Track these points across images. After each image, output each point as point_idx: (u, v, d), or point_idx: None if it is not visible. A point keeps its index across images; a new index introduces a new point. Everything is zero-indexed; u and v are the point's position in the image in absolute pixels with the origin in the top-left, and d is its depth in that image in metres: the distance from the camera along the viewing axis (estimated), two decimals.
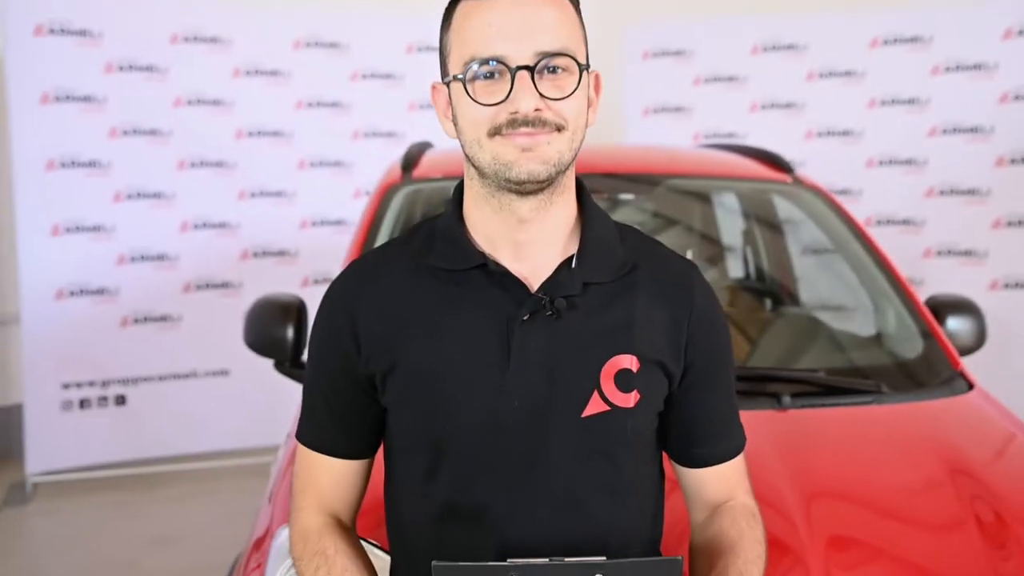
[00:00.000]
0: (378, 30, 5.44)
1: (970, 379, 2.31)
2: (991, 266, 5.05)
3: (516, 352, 1.23)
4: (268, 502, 2.03)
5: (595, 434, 1.24)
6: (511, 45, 1.19)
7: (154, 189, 4.99)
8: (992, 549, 1.63)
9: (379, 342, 1.28)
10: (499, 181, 1.22)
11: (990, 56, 5.00)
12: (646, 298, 1.27)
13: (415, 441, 1.29)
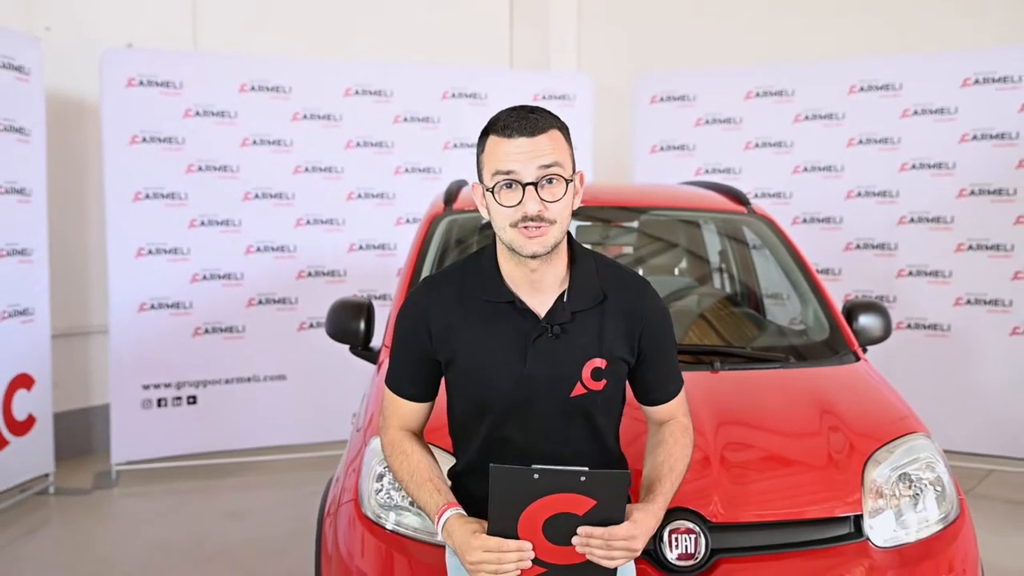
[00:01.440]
0: (417, 79, 6.16)
1: (859, 355, 3.05)
2: (955, 285, 5.68)
3: (530, 358, 1.88)
4: (358, 431, 2.74)
5: (577, 406, 1.91)
6: (521, 166, 1.79)
7: (223, 217, 5.70)
8: (833, 451, 2.38)
9: (444, 338, 1.92)
10: (516, 251, 1.85)
11: (951, 101, 5.66)
12: (612, 317, 1.92)
13: (467, 401, 1.96)
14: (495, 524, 1.79)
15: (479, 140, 1.87)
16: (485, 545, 1.76)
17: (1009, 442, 5.58)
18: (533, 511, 1.75)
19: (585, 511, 1.75)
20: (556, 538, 1.77)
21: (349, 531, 2.42)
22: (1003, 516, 5.01)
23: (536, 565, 1.79)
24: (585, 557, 1.78)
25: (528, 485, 1.75)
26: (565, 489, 1.74)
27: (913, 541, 2.33)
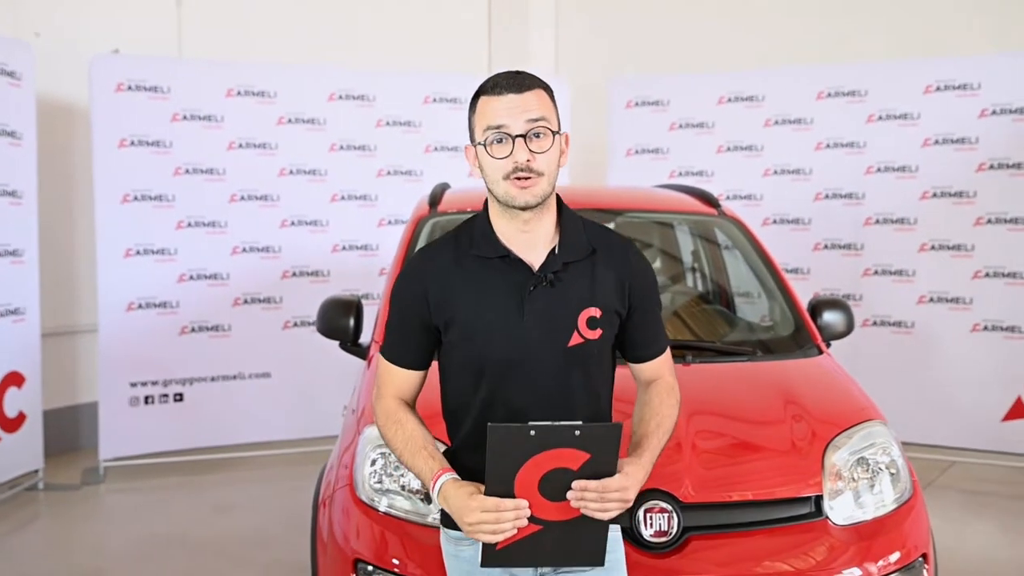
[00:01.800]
0: (399, 84, 6.32)
1: (822, 348, 3.25)
2: (918, 284, 5.91)
3: (527, 309, 1.94)
4: (352, 413, 2.90)
5: (575, 356, 1.96)
6: (510, 120, 1.89)
7: (210, 219, 5.82)
8: (795, 438, 2.58)
9: (442, 300, 1.97)
10: (509, 204, 1.93)
11: (915, 107, 5.89)
12: (602, 269, 1.98)
13: (466, 364, 1.98)
14: (492, 484, 1.83)
15: (470, 103, 1.98)
16: (483, 505, 1.82)
17: (970, 435, 5.81)
18: (529, 468, 1.81)
19: (579, 465, 1.82)
20: (551, 494, 1.83)
21: (344, 514, 2.58)
22: (963, 506, 5.23)
23: (532, 523, 1.84)
24: (579, 512, 1.84)
25: (524, 442, 1.80)
26: (560, 444, 1.80)
27: (870, 519, 2.52)
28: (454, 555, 2.04)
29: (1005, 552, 4.69)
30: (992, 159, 5.68)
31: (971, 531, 4.86)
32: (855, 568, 2.39)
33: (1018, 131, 5.60)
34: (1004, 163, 5.66)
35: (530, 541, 1.85)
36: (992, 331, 5.73)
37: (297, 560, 4.34)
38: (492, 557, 1.87)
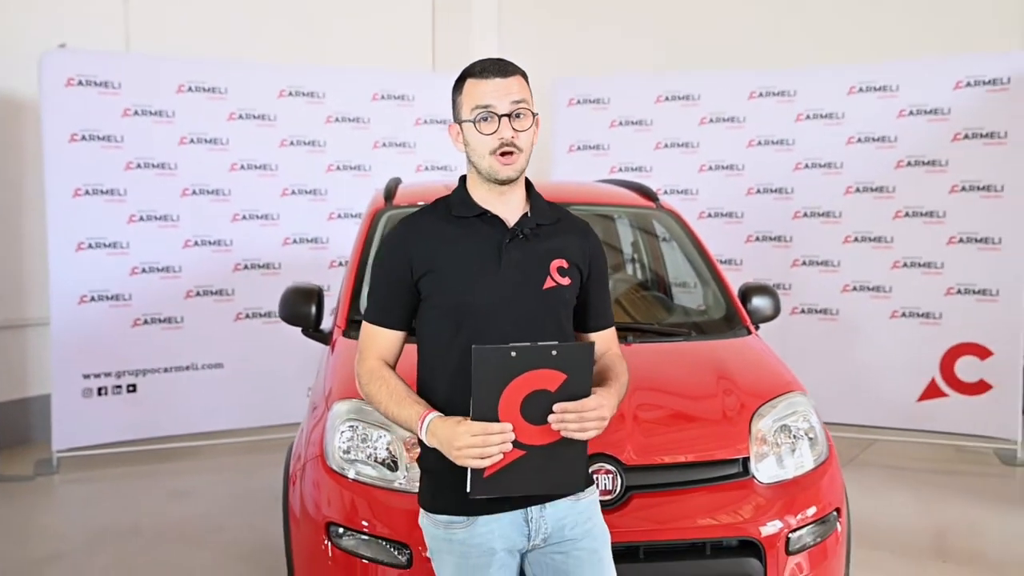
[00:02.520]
0: (347, 81, 6.49)
1: (751, 329, 3.55)
2: (843, 273, 6.28)
3: (504, 259, 2.12)
4: (317, 401, 3.09)
5: (549, 298, 2.15)
6: (497, 101, 2.09)
7: (162, 213, 5.93)
8: (726, 408, 2.88)
9: (424, 259, 2.13)
10: (491, 177, 2.13)
11: (839, 107, 6.25)
12: (566, 234, 2.22)
13: (445, 313, 2.12)
14: (478, 408, 1.93)
15: (455, 85, 2.18)
16: (471, 430, 1.93)
17: (889, 414, 6.20)
18: (511, 391, 1.92)
19: (557, 386, 1.93)
20: (533, 418, 1.94)
21: (316, 483, 2.78)
22: (882, 480, 5.59)
23: (516, 448, 1.94)
24: (560, 436, 1.96)
25: (506, 363, 1.92)
26: (539, 365, 1.93)
27: (790, 478, 2.81)
28: (446, 539, 2.12)
29: (919, 520, 5.05)
30: (909, 156, 6.07)
31: (889, 502, 5.21)
32: (777, 520, 2.68)
33: (932, 130, 6.00)
34: (920, 160, 6.05)
35: (514, 467, 1.96)
36: (909, 318, 6.12)
37: (255, 541, 4.52)
38: (479, 485, 1.96)
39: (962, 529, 4.90)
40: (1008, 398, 5.89)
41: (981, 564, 4.38)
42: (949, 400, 6.07)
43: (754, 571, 2.60)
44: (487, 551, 2.11)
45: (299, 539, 2.85)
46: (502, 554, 2.12)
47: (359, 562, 2.63)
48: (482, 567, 2.11)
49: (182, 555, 4.41)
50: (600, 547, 2.19)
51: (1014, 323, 5.86)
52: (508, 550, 2.13)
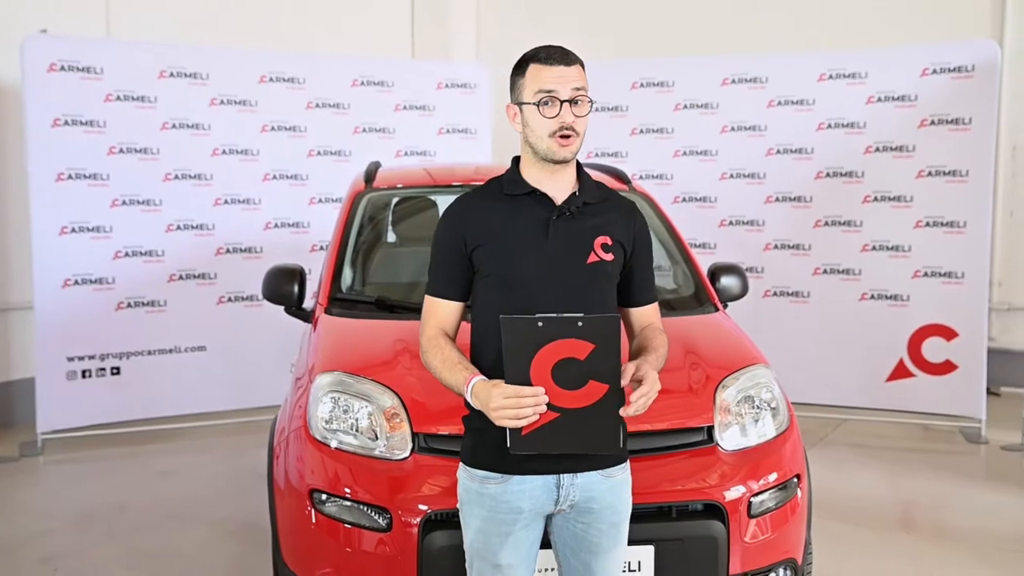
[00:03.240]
0: (328, 68, 6.58)
1: (719, 307, 3.69)
2: (814, 257, 6.43)
3: (551, 233, 2.25)
4: (300, 376, 3.20)
5: (593, 273, 2.26)
6: (560, 87, 2.22)
7: (144, 197, 6.00)
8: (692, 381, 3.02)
9: (476, 233, 2.28)
10: (548, 158, 2.24)
11: (810, 94, 6.38)
12: (613, 213, 2.34)
13: (495, 284, 2.27)
14: (511, 373, 2.07)
15: (517, 68, 2.31)
16: (504, 392, 2.07)
17: (859, 395, 6.37)
18: (541, 358, 2.06)
19: (586, 355, 2.05)
20: (565, 383, 2.07)
21: (299, 452, 2.90)
22: (851, 458, 5.76)
23: (551, 410, 2.08)
24: (592, 401, 2.08)
25: (534, 332, 2.05)
26: (566, 335, 2.05)
27: (753, 446, 2.94)
28: (479, 492, 2.27)
29: (886, 495, 5.22)
30: (877, 142, 6.22)
31: (857, 479, 5.38)
32: (740, 486, 2.81)
33: (900, 116, 6.15)
34: (888, 146, 6.20)
35: (550, 428, 2.09)
36: (878, 300, 6.29)
37: (243, 517, 4.63)
38: (518, 442, 2.11)
39: (927, 503, 5.07)
40: (973, 378, 6.06)
41: (944, 536, 4.55)
42: (916, 380, 6.23)
43: (717, 533, 2.73)
44: (514, 509, 2.25)
45: (283, 507, 2.96)
46: (528, 514, 2.26)
47: (341, 527, 2.74)
48: (508, 523, 2.25)
49: (170, 532, 4.51)
50: (620, 521, 2.34)
51: (978, 305, 6.04)
52: (535, 511, 2.27)
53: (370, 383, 2.92)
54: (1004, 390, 6.94)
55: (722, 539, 2.74)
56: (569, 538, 2.33)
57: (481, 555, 2.30)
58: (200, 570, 4.06)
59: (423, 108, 6.88)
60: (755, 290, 6.36)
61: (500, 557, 2.27)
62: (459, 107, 7.00)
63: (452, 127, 6.97)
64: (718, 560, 2.73)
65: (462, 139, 6.99)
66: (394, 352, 3.12)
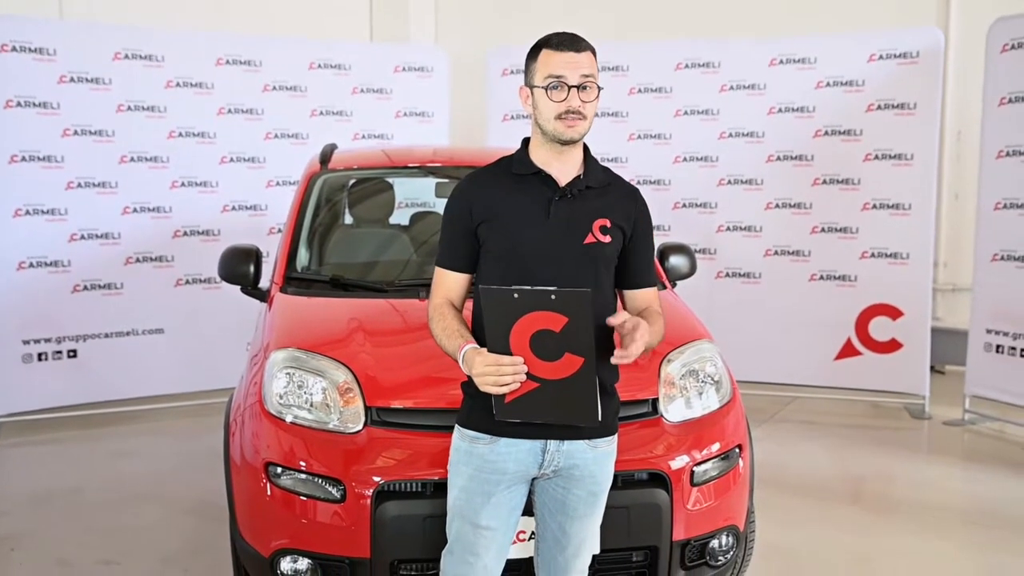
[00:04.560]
0: (285, 50, 6.58)
1: (667, 284, 3.78)
2: (765, 238, 6.57)
3: (552, 213, 2.34)
4: (256, 353, 3.26)
5: (588, 253, 2.36)
6: (568, 72, 2.29)
7: (100, 179, 5.98)
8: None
9: (484, 208, 2.37)
10: (556, 138, 2.33)
11: (761, 79, 6.51)
12: (615, 197, 2.43)
13: (497, 258, 2.37)
14: (491, 342, 2.18)
15: (531, 53, 2.37)
16: (486, 360, 2.19)
17: (808, 373, 6.54)
18: (520, 329, 2.16)
19: (560, 327, 2.14)
20: (542, 354, 2.16)
21: (255, 427, 2.95)
22: (799, 434, 5.92)
23: (531, 380, 2.18)
24: (570, 372, 2.17)
25: (510, 303, 2.14)
26: (539, 307, 2.14)
27: (697, 417, 3.04)
28: (468, 451, 2.38)
29: (832, 469, 5.39)
30: (826, 126, 6.36)
31: (805, 454, 5.54)
32: (684, 455, 2.90)
33: (847, 101, 6.29)
34: (836, 130, 6.34)
35: (531, 397, 2.20)
36: (827, 280, 6.44)
37: (200, 496, 4.67)
38: (503, 409, 2.22)
39: (872, 477, 5.24)
40: (917, 356, 6.25)
41: (887, 507, 4.71)
42: (863, 358, 6.41)
43: (661, 501, 2.82)
44: (499, 470, 2.35)
45: (239, 481, 3.01)
46: (512, 476, 2.36)
47: (297, 499, 2.80)
48: (492, 483, 2.36)
49: (127, 511, 4.54)
50: (600, 491, 2.46)
51: (923, 285, 6.22)
52: (519, 474, 2.37)
53: (324, 359, 2.99)
54: (948, 368, 7.15)
55: (666, 507, 2.84)
56: (548, 501, 2.44)
57: (463, 513, 2.39)
58: (158, 546, 4.10)
59: (380, 91, 6.90)
60: (708, 272, 6.50)
61: (480, 518, 2.37)
62: (417, 91, 7.04)
63: (409, 110, 7.01)
64: (662, 527, 2.83)
65: (419, 122, 7.03)
66: (348, 329, 3.18)
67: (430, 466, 2.76)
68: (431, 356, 3.09)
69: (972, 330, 6.01)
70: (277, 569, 2.87)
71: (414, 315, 3.39)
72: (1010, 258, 5.73)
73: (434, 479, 2.75)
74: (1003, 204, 5.76)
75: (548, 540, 2.50)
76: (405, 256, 4.22)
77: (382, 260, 4.15)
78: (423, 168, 4.60)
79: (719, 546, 3.03)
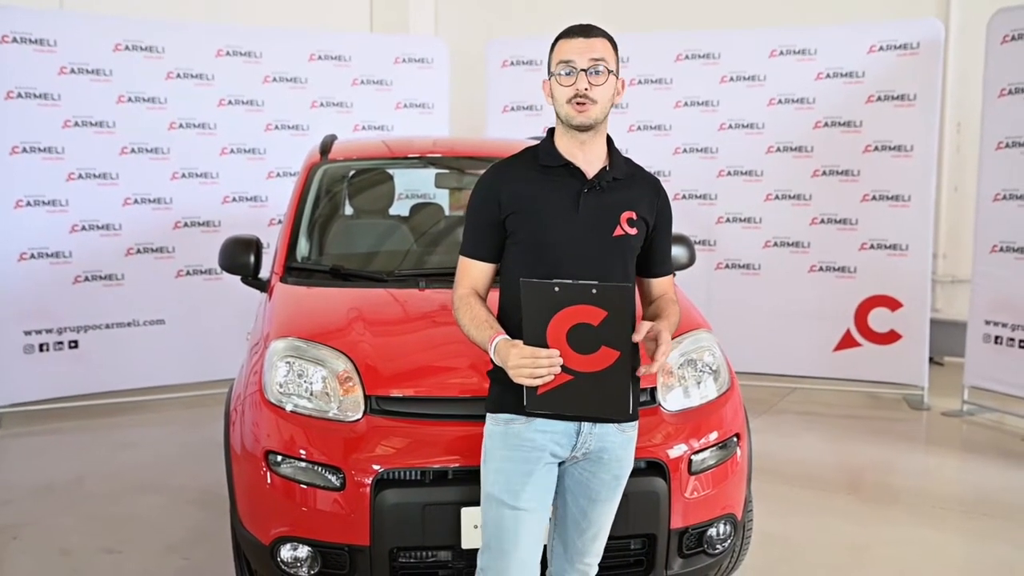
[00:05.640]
0: (285, 42, 6.59)
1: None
2: (764, 230, 6.58)
3: (581, 206, 2.36)
4: (256, 343, 3.27)
5: (617, 245, 2.38)
6: (577, 57, 2.32)
7: (101, 171, 6.00)
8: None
9: (511, 198, 2.38)
10: (568, 123, 2.35)
11: (761, 70, 6.51)
12: (639, 189, 2.45)
13: (526, 249, 2.37)
14: (528, 335, 2.19)
15: (551, 48, 2.41)
16: (522, 352, 2.20)
17: (807, 364, 6.56)
18: (558, 322, 2.17)
19: (599, 322, 2.16)
20: (578, 347, 2.18)
21: (255, 416, 2.96)
22: (798, 425, 5.94)
23: (565, 372, 2.19)
24: (605, 366, 2.19)
25: (551, 297, 2.16)
26: (580, 301, 2.16)
27: (695, 406, 3.06)
28: (502, 433, 2.38)
29: (831, 459, 5.41)
30: (826, 117, 6.37)
31: (804, 445, 5.56)
32: (682, 444, 2.92)
33: (848, 93, 6.30)
34: (836, 121, 6.35)
35: (564, 389, 2.20)
36: (826, 272, 6.46)
37: (202, 486, 4.69)
38: (534, 401, 2.23)
39: (870, 467, 5.25)
40: (916, 347, 6.27)
41: (884, 496, 4.73)
42: (863, 349, 6.43)
43: (659, 489, 2.84)
44: (538, 446, 2.35)
45: (240, 470, 3.03)
46: (548, 456, 2.37)
47: (297, 487, 2.82)
48: (532, 460, 2.36)
49: (129, 501, 4.56)
50: (622, 475, 2.48)
51: (922, 276, 6.23)
52: (554, 455, 2.38)
53: (324, 348, 3.00)
54: (947, 359, 7.17)
55: (664, 495, 2.85)
56: (572, 484, 2.47)
57: (500, 498, 2.37)
58: (160, 535, 4.12)
59: (381, 83, 6.91)
60: (708, 263, 6.51)
61: (520, 499, 2.36)
62: (417, 82, 7.05)
63: (410, 101, 7.02)
64: (660, 515, 2.85)
65: (420, 114, 7.04)
66: (348, 319, 3.19)
67: (429, 454, 2.78)
68: (431, 345, 3.17)
69: (971, 321, 6.02)
70: (277, 556, 2.89)
71: (414, 305, 3.42)
72: (1009, 249, 5.74)
73: (433, 467, 2.78)
74: (1003, 195, 5.76)
75: (568, 524, 2.52)
76: (405, 247, 4.24)
77: (382, 250, 4.17)
78: (423, 159, 4.61)
79: (717, 534, 3.05)
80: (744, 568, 3.58)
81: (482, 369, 2.88)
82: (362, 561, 2.78)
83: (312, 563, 2.86)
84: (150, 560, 3.90)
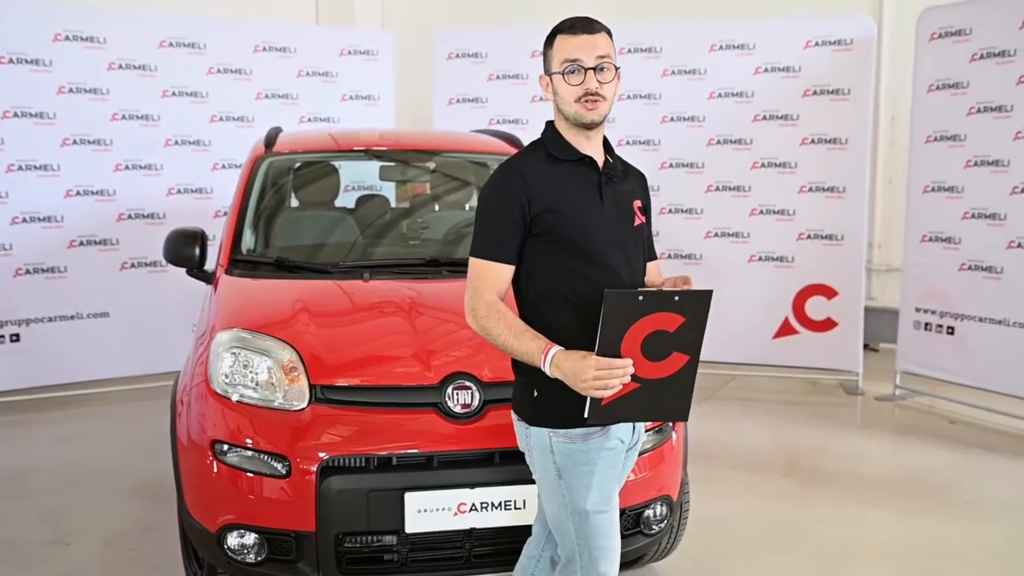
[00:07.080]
0: (229, 33, 6.57)
1: None
2: (706, 220, 6.73)
3: (605, 198, 2.36)
4: (202, 334, 3.30)
5: (638, 233, 2.42)
6: (584, 55, 2.30)
7: (41, 162, 5.94)
8: None
9: (540, 196, 2.31)
10: (577, 121, 2.35)
11: (702, 64, 6.65)
12: (634, 180, 2.50)
13: (560, 242, 2.31)
14: (604, 345, 2.12)
15: (547, 41, 2.38)
16: (598, 364, 2.13)
17: (748, 352, 6.72)
18: (635, 331, 2.12)
19: (675, 328, 2.14)
20: (651, 355, 2.15)
21: (201, 406, 3.00)
22: (739, 410, 6.10)
23: (632, 381, 2.15)
24: (673, 371, 2.18)
25: (634, 306, 2.11)
26: (662, 309, 2.13)
27: None
28: (583, 450, 2.32)
29: (770, 444, 5.57)
30: (765, 111, 6.53)
31: (743, 430, 5.71)
32: None
33: (785, 87, 6.46)
34: (774, 115, 6.51)
35: (629, 398, 2.17)
36: (765, 261, 6.63)
37: (148, 477, 4.69)
38: (597, 412, 2.18)
39: (807, 450, 5.42)
40: (851, 334, 6.47)
41: (820, 478, 4.89)
42: (800, 337, 6.62)
43: None
44: (618, 449, 2.38)
45: (186, 461, 3.07)
46: (623, 449, 2.42)
47: (243, 475, 2.87)
48: (615, 463, 2.39)
49: (74, 492, 4.54)
50: (636, 452, 2.57)
51: (856, 266, 6.43)
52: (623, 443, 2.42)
53: (269, 339, 3.05)
54: (882, 346, 7.39)
55: None
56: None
57: (601, 509, 2.37)
58: (106, 527, 4.13)
59: (326, 74, 6.92)
60: None
61: (613, 496, 2.41)
62: (363, 74, 7.07)
63: (355, 93, 7.04)
64: None
65: (365, 106, 7.06)
66: (293, 310, 3.24)
67: (374, 441, 2.85)
68: (375, 336, 3.22)
69: (902, 309, 6.23)
70: (224, 544, 2.93)
71: (359, 296, 3.47)
72: (938, 239, 5.95)
73: (378, 454, 2.84)
74: (931, 187, 5.97)
75: None
76: (350, 239, 4.28)
77: (327, 243, 4.21)
78: (368, 152, 4.65)
79: (653, 515, 3.16)
80: (682, 548, 3.70)
81: (425, 359, 2.98)
82: (308, 546, 2.84)
83: (259, 549, 2.92)
84: (97, 552, 3.91)
